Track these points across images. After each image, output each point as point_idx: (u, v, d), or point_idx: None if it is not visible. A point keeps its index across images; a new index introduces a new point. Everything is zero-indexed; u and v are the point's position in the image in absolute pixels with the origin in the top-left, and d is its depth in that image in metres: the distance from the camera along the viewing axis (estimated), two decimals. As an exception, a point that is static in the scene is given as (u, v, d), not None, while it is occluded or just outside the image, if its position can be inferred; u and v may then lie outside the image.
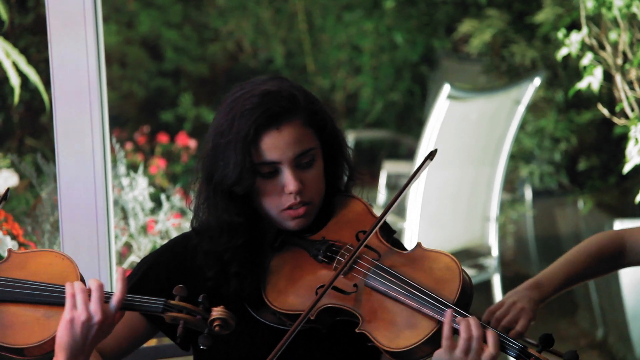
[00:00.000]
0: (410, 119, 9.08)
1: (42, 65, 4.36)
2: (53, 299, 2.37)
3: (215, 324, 2.36)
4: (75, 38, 3.34)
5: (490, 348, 2.41)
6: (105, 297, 2.37)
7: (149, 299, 2.38)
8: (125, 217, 4.84)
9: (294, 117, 2.51)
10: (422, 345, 2.42)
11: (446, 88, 5.22)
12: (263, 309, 2.56)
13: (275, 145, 2.50)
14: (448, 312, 2.41)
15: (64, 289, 2.37)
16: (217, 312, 2.37)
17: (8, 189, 2.53)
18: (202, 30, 9.28)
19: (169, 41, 9.19)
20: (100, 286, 2.36)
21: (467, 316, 2.42)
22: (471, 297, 2.50)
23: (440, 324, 2.42)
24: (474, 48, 6.56)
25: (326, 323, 2.50)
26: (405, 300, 2.46)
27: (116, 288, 2.37)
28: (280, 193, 2.52)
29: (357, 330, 2.46)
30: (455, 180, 5.51)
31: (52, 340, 2.35)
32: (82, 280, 2.41)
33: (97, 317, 2.34)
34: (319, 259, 2.54)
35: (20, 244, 3.64)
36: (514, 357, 2.42)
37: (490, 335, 2.42)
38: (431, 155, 2.53)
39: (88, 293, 2.36)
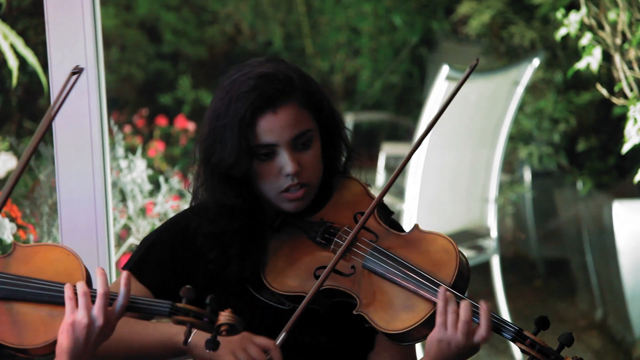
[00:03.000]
0: (409, 100, 9.07)
1: (40, 47, 4.35)
2: (58, 299, 2.32)
3: (222, 328, 2.30)
4: (72, 20, 3.34)
5: (481, 330, 2.41)
6: (110, 299, 2.32)
7: (155, 301, 2.33)
8: (123, 200, 4.84)
9: (290, 99, 2.52)
10: (419, 327, 2.43)
11: (445, 69, 5.21)
12: (263, 289, 2.57)
13: (271, 127, 2.50)
14: (442, 288, 2.42)
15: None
16: (224, 316, 2.31)
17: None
18: (200, 12, 9.26)
19: (167, 24, 9.17)
20: (106, 294, 2.30)
21: (462, 298, 2.42)
22: (468, 279, 2.50)
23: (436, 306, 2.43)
24: (473, 29, 6.55)
25: (324, 304, 2.51)
26: (402, 282, 2.46)
27: (120, 292, 2.32)
28: (278, 175, 2.53)
29: (354, 312, 2.47)
30: (454, 161, 5.51)
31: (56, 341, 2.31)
32: (88, 276, 2.38)
33: (99, 322, 2.29)
34: (317, 240, 2.55)
35: (19, 227, 3.64)
36: (510, 340, 2.43)
37: (483, 316, 2.42)
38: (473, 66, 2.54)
39: (91, 294, 2.31)
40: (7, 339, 2.31)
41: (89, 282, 2.38)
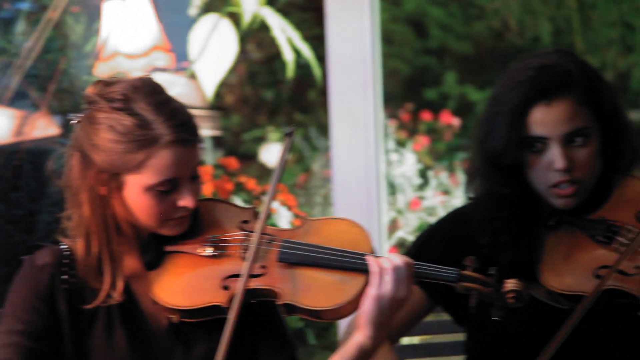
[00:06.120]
0: (684, 100, 8.73)
1: (311, 41, 4.44)
2: (348, 264, 2.40)
3: (509, 295, 2.34)
4: (351, 15, 3.39)
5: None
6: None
7: (444, 268, 2.38)
8: (393, 193, 4.87)
9: (567, 94, 2.47)
10: None
11: None
12: (534, 285, 2.52)
13: (543, 120, 2.47)
14: None
15: (359, 255, 2.40)
16: (510, 283, 2.35)
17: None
18: (467, 7, 9.22)
19: (434, 19, 9.19)
20: (408, 264, 2.37)
21: None
22: None
23: None
24: None
25: (604, 305, 2.45)
26: None
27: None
28: (548, 169, 2.49)
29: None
30: None
31: (348, 305, 2.38)
32: (373, 248, 2.44)
33: (403, 293, 2.36)
34: (597, 239, 2.49)
35: (295, 216, 3.73)
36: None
37: None
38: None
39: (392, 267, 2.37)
40: (301, 300, 2.39)
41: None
